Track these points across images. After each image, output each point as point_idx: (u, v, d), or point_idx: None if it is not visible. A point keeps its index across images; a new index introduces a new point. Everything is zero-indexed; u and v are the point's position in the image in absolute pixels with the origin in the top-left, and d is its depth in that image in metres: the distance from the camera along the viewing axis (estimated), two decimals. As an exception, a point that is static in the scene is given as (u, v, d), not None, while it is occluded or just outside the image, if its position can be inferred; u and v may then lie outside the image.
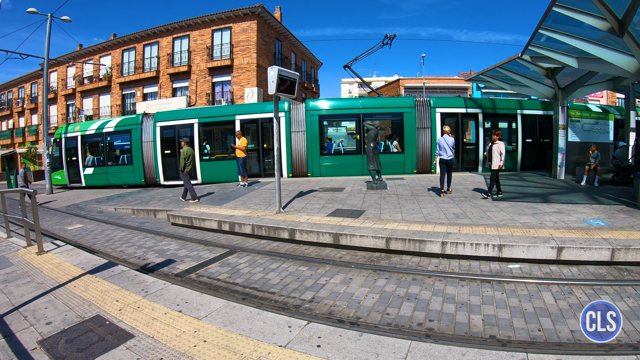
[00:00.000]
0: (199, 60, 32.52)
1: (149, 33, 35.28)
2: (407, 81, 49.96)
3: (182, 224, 11.82)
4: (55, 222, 14.22)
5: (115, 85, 37.67)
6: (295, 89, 11.08)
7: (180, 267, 7.86)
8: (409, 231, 8.02)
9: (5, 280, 6.55)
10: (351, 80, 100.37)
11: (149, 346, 3.97)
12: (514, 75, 16.53)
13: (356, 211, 10.52)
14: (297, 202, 12.50)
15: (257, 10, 30.16)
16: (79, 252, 8.07)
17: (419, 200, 11.53)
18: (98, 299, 5.33)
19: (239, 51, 30.83)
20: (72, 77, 42.21)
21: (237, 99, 30.43)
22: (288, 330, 4.11)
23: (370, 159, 14.12)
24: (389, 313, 5.16)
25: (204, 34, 32.52)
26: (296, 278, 6.72)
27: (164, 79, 34.38)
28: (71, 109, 42.80)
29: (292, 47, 38.93)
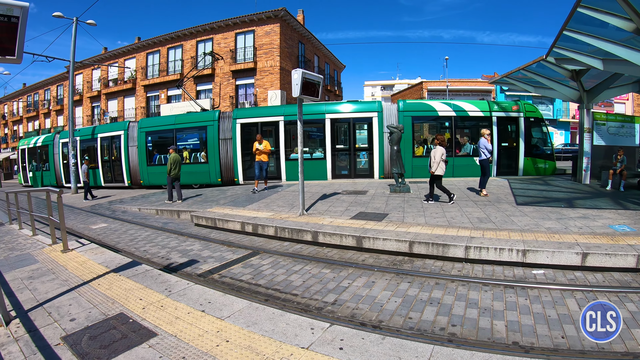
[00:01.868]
0: (222, 63, 32.78)
1: (173, 36, 35.81)
2: (430, 84, 49.65)
3: (206, 224, 11.93)
4: (80, 221, 14.51)
5: (139, 88, 38.26)
6: (320, 91, 11.09)
7: (204, 267, 7.94)
8: (432, 235, 7.99)
9: (30, 276, 6.73)
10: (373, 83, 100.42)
11: (172, 345, 4.03)
12: (539, 78, 16.31)
13: (379, 214, 10.52)
14: (320, 204, 12.53)
15: (280, 14, 30.36)
16: (104, 251, 8.26)
17: (442, 204, 11.48)
18: (122, 297, 5.44)
19: (262, 54, 31.03)
20: (97, 80, 43.09)
21: (260, 102, 30.65)
22: (310, 332, 4.13)
23: (393, 162, 14.08)
24: (411, 317, 5.15)
25: (227, 37, 32.83)
26: (319, 280, 6.75)
27: (188, 81, 34.73)
28: (96, 111, 43.62)
29: (315, 50, 39.03)
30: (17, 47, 4.41)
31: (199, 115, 22.85)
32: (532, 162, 19.63)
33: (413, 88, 55.60)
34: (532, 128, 19.76)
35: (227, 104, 32.33)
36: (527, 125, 19.42)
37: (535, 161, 19.69)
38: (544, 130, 20.27)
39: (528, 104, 20.31)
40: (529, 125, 19.52)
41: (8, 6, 4.24)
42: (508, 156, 19.82)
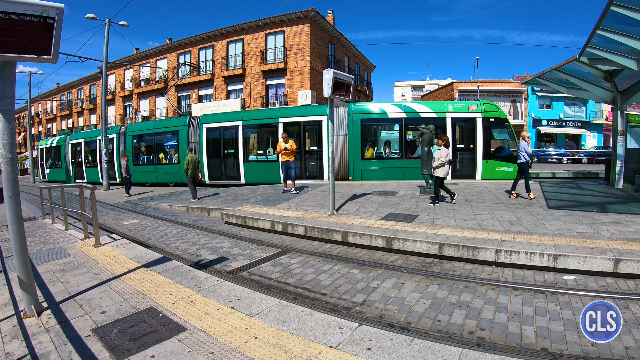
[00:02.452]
0: (253, 64, 33.06)
1: (203, 37, 36.30)
2: (461, 84, 49.20)
3: (236, 223, 12.05)
4: (112, 217, 14.84)
5: (171, 88, 38.63)
6: (350, 91, 11.12)
7: (233, 264, 8.05)
8: (463, 237, 7.95)
9: (62, 269, 6.95)
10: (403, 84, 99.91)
11: (201, 340, 4.10)
12: (571, 78, 15.96)
13: (409, 215, 10.50)
14: (350, 204, 12.55)
15: (309, 14, 30.47)
16: (135, 246, 8.44)
17: (473, 207, 11.39)
18: (152, 291, 5.56)
19: (293, 54, 31.18)
20: (130, 80, 43.98)
21: (290, 102, 30.77)
22: (339, 332, 4.16)
23: (423, 164, 13.97)
24: (440, 320, 5.15)
25: (257, 37, 33.08)
26: (348, 280, 6.78)
27: (218, 81, 35.10)
28: (128, 110, 44.49)
29: (345, 50, 39.02)
30: (53, 47, 4.54)
31: (173, 121, 25.97)
32: (492, 165, 18.86)
33: (443, 89, 55.17)
34: (493, 129, 19.08)
35: (258, 103, 32.57)
36: (486, 126, 18.62)
37: (496, 164, 18.86)
38: (507, 131, 19.26)
39: (489, 103, 19.39)
40: (489, 126, 18.73)
41: (44, 7, 4.40)
42: (465, 159, 19.36)
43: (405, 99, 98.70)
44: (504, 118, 19.02)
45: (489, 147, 18.81)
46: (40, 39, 4.47)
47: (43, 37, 4.47)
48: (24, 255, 4.83)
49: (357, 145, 19.85)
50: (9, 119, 4.67)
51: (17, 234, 4.79)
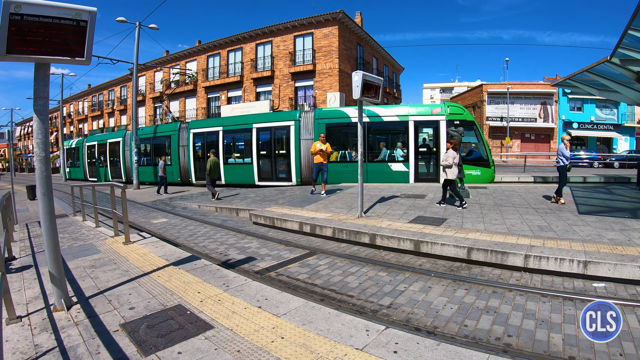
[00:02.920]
0: (281, 66, 33.22)
1: (232, 39, 36.62)
2: (491, 86, 48.58)
3: (264, 223, 12.12)
4: (141, 215, 15.09)
5: (200, 89, 39.35)
6: (380, 93, 11.06)
7: (261, 265, 8.10)
8: (491, 242, 7.83)
9: (92, 265, 7.10)
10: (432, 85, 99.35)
11: (228, 338, 4.13)
12: (603, 80, 15.57)
13: (438, 219, 10.39)
14: (379, 207, 12.48)
15: (338, 16, 30.42)
16: (164, 245, 8.56)
17: (502, 211, 11.22)
18: (180, 289, 5.62)
19: (321, 56, 31.20)
20: (160, 81, 44.57)
21: (319, 104, 30.82)
22: (365, 334, 4.13)
23: None
24: (467, 325, 5.10)
25: (286, 39, 33.25)
26: (375, 283, 6.75)
27: (247, 83, 35.35)
28: (158, 111, 45.01)
29: (373, 52, 38.93)
30: (86, 49, 4.67)
31: (168, 126, 28.00)
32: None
33: (473, 91, 54.60)
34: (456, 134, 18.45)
35: (287, 105, 32.70)
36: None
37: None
38: (475, 133, 18.70)
39: (454, 106, 19.19)
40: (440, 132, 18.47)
41: (77, 11, 4.49)
42: (428, 162, 19.27)
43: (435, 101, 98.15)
44: (470, 120, 18.66)
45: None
46: (73, 42, 4.57)
47: (76, 40, 4.58)
48: (55, 251, 4.94)
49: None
50: (43, 119, 4.79)
51: (49, 230, 4.90)
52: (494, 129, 47.78)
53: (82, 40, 4.60)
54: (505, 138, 43.80)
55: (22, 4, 4.14)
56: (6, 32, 4.10)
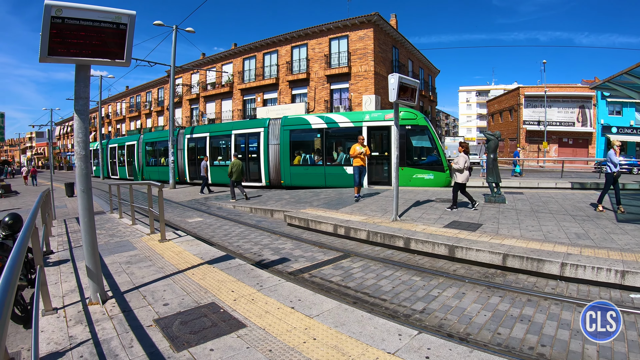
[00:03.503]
0: (317, 68, 33.30)
1: (268, 42, 36.97)
2: (527, 89, 47.73)
3: (298, 225, 12.15)
4: (177, 214, 15.35)
5: (236, 91, 39.80)
6: (416, 96, 10.97)
7: (294, 266, 8.12)
8: (527, 249, 7.65)
9: (128, 262, 7.24)
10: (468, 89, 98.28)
11: (260, 337, 4.13)
12: (643, 82, 15.09)
13: (473, 224, 10.24)
14: (414, 211, 12.38)
15: (373, 19, 30.37)
16: (199, 243, 8.64)
17: (539, 217, 10.98)
18: (214, 287, 5.67)
19: (356, 59, 31.19)
20: (196, 83, 45.48)
21: (355, 107, 30.80)
22: (398, 338, 4.08)
23: (489, 171, 13.61)
24: (500, 333, 5.00)
25: (321, 42, 33.34)
26: (408, 287, 6.70)
27: (283, 85, 35.56)
28: (195, 112, 45.95)
29: (409, 54, 38.75)
30: (126, 51, 4.78)
31: (167, 132, 29.40)
32: (408, 172, 19.08)
33: (509, 94, 53.81)
34: (412, 136, 19.44)
35: (322, 107, 32.78)
36: (401, 133, 18.11)
37: (413, 172, 19.20)
38: (428, 138, 19.17)
39: (407, 111, 19.29)
40: (405, 134, 18.87)
41: (117, 14, 4.61)
42: (381, 166, 20.11)
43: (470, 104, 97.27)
44: (423, 125, 19.07)
45: (404, 155, 18.82)
46: (113, 44, 4.70)
47: (116, 42, 4.70)
48: (93, 246, 5.05)
49: (287, 153, 22.53)
50: (84, 119, 4.90)
51: (87, 226, 5.02)
52: (530, 133, 46.83)
53: (122, 43, 4.71)
54: (543, 143, 42.94)
55: (63, 8, 4.25)
56: (48, 34, 4.22)
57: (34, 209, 5.58)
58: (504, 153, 48.66)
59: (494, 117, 59.14)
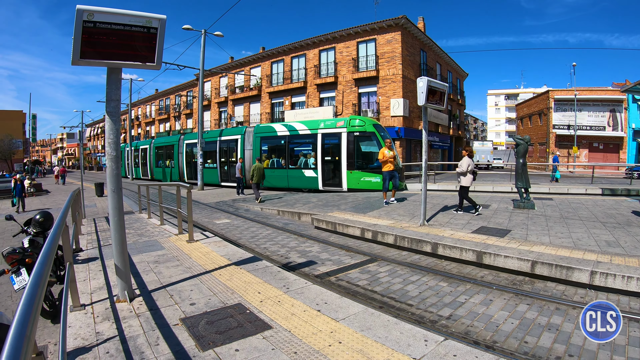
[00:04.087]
0: (345, 72, 33.32)
1: (296, 46, 37.16)
2: (557, 93, 46.50)
3: (325, 228, 12.15)
4: (205, 215, 15.49)
5: (264, 95, 40.09)
6: (445, 100, 10.86)
7: (321, 269, 8.12)
8: (556, 256, 7.49)
9: (156, 261, 7.33)
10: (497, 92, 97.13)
11: (285, 339, 4.13)
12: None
13: (501, 230, 10.11)
14: (441, 216, 12.31)
15: (400, 22, 30.21)
16: (226, 244, 8.71)
17: (568, 224, 10.78)
18: (241, 288, 5.69)
19: (384, 62, 31.07)
20: (225, 87, 46.12)
21: (383, 110, 30.71)
22: (424, 344, 4.03)
23: (518, 176, 13.37)
24: (527, 341, 4.91)
25: (349, 45, 33.34)
26: (435, 293, 6.65)
27: (311, 89, 35.66)
28: (223, 115, 46.42)
29: (437, 57, 38.55)
30: (157, 55, 4.85)
31: (172, 138, 36.16)
32: (356, 175, 20.68)
33: (538, 97, 52.58)
34: (361, 142, 20.76)
35: (350, 111, 32.75)
36: (350, 139, 20.67)
37: (361, 175, 20.64)
38: (375, 143, 20.28)
39: (356, 119, 21.39)
40: (353, 140, 20.66)
41: (147, 18, 4.68)
42: (332, 170, 21.73)
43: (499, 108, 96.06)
44: (370, 132, 20.50)
45: (353, 159, 20.73)
46: (144, 48, 4.78)
47: (146, 46, 4.78)
48: (122, 245, 5.14)
49: (255, 153, 25.20)
50: (115, 120, 4.99)
51: (117, 225, 5.11)
52: (560, 137, 45.57)
53: (153, 46, 4.79)
54: (573, 147, 42.07)
55: (95, 12, 4.34)
56: (80, 38, 4.31)
57: (65, 208, 5.69)
58: (534, 158, 47.85)
59: (523, 121, 58.11)
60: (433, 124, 35.88)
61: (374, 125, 20.96)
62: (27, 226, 6.98)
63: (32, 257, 5.70)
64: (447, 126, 40.10)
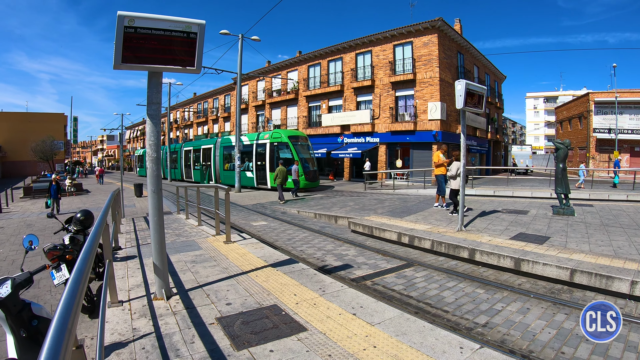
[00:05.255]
0: (381, 75, 33.19)
1: (332, 50, 37.20)
2: (597, 95, 44.95)
3: (362, 232, 12.13)
4: (242, 217, 15.72)
5: (301, 98, 40.30)
6: (483, 103, 10.68)
7: (357, 273, 8.13)
8: (596, 265, 7.28)
9: (193, 261, 7.46)
10: (536, 95, 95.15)
11: (320, 342, 4.13)
12: None
13: (540, 237, 9.87)
14: (479, 221, 12.15)
15: (437, 24, 29.79)
16: (263, 246, 8.76)
17: (609, 231, 10.46)
18: (277, 290, 5.73)
19: (421, 65, 30.75)
20: (262, 90, 46.60)
21: (420, 113, 30.44)
22: (459, 351, 3.96)
23: (558, 181, 13.01)
24: (564, 352, 4.80)
25: (385, 49, 33.19)
26: (472, 300, 6.57)
27: (348, 92, 35.64)
28: (260, 119, 46.87)
29: (474, 60, 37.98)
30: (196, 59, 4.95)
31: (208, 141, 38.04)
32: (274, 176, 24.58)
33: (578, 100, 51.08)
34: (280, 150, 27.10)
35: (387, 115, 32.62)
36: (272, 148, 27.62)
37: None
38: (289, 151, 26.28)
39: (276, 132, 28.38)
40: (273, 149, 27.50)
41: (187, 24, 4.78)
42: (262, 172, 28.66)
43: (538, 111, 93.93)
44: (285, 142, 26.69)
45: (274, 163, 26.78)
46: (183, 52, 4.89)
47: (186, 51, 4.89)
48: (161, 244, 5.26)
49: (222, 162, 33.92)
50: (156, 123, 5.10)
51: (157, 225, 5.22)
52: (601, 141, 43.95)
53: (192, 51, 4.89)
54: (614, 152, 40.85)
55: (135, 18, 4.46)
56: (121, 43, 4.45)
57: (106, 207, 5.84)
58: (573, 163, 46.60)
59: (562, 124, 56.69)
60: (471, 127, 35.36)
61: (290, 136, 26.95)
62: (68, 224, 7.16)
63: (72, 253, 5.84)
64: (485, 130, 39.40)
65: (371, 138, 33.83)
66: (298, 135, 28.33)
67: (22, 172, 61.26)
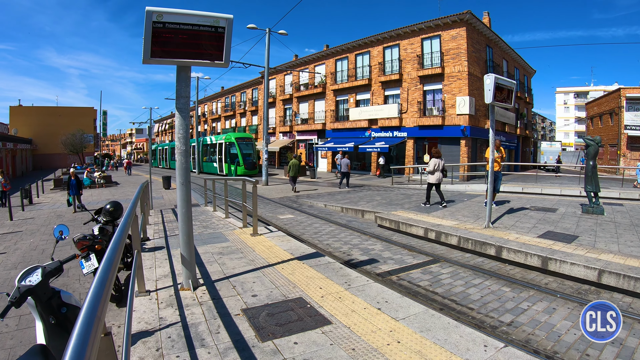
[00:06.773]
0: (409, 69, 32.86)
1: (360, 43, 37.00)
2: (629, 91, 43.17)
3: (389, 227, 12.13)
4: (269, 210, 15.87)
5: (329, 92, 40.29)
6: (513, 98, 10.52)
7: (383, 267, 8.16)
8: (625, 266, 7.11)
9: (220, 252, 7.57)
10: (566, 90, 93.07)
11: (344, 335, 4.16)
12: None
13: (568, 236, 9.70)
14: (507, 218, 12.01)
15: (465, 17, 29.16)
16: (289, 239, 8.82)
17: (639, 232, 10.28)
18: (303, 283, 5.78)
19: (449, 59, 30.24)
20: (289, 84, 46.68)
21: (448, 108, 30.03)
22: (483, 349, 3.94)
23: (588, 179, 12.68)
24: (589, 354, 4.73)
25: (413, 42, 32.76)
26: (497, 298, 6.52)
27: (375, 86, 35.45)
28: (288, 112, 47.14)
29: (503, 54, 37.22)
30: (225, 53, 5.01)
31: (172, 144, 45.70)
32: (228, 166, 38.54)
33: (609, 96, 49.39)
34: (230, 148, 38.47)
35: (415, 109, 32.29)
36: (226, 146, 38.78)
37: (231, 166, 38.10)
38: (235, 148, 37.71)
39: (228, 135, 39.94)
40: (227, 147, 38.74)
41: (215, 18, 4.82)
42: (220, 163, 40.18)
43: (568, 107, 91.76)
44: (232, 142, 38.18)
45: (227, 157, 38.68)
46: (212, 47, 4.95)
47: (214, 45, 4.95)
48: (188, 235, 5.36)
49: (201, 155, 45.45)
50: (184, 116, 5.18)
51: (185, 217, 5.33)
52: (632, 139, 42.05)
53: (221, 45, 4.94)
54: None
55: (164, 13, 4.52)
56: (150, 38, 4.53)
57: (135, 199, 5.94)
58: (604, 160, 45.47)
59: (593, 120, 55.03)
60: (500, 123, 34.62)
61: (237, 137, 38.45)
62: (97, 215, 7.31)
63: (102, 244, 5.96)
64: (514, 125, 38.66)
65: (399, 132, 33.51)
66: (244, 136, 40.24)
67: (53, 164, 62.95)
